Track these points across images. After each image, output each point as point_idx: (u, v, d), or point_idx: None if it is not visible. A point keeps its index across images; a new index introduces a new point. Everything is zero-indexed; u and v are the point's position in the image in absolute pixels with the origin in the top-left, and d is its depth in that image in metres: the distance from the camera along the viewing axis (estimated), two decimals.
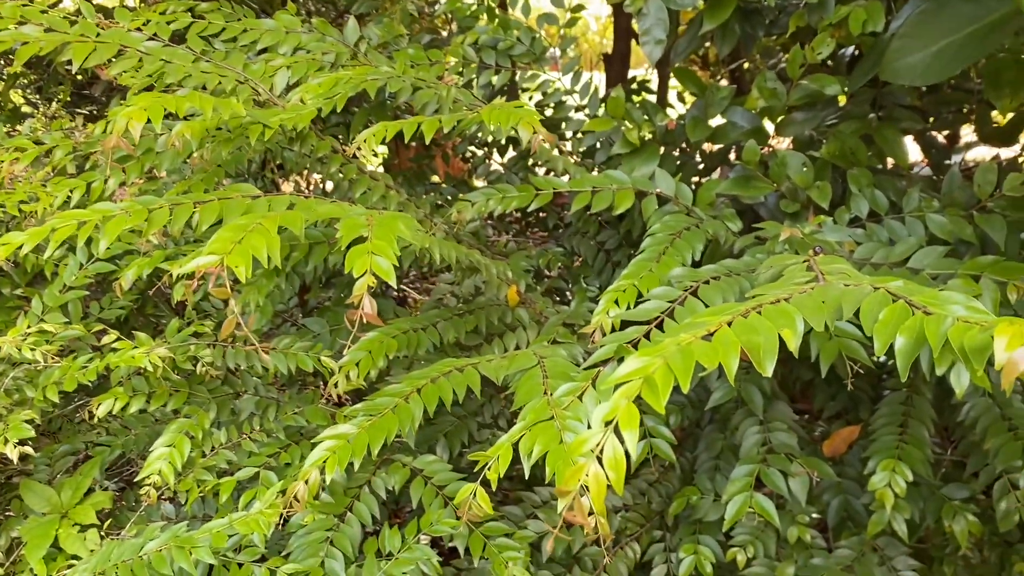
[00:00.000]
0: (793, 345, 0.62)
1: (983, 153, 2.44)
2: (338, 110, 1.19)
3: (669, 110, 1.92)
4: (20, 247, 0.96)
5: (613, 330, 1.00)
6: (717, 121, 1.56)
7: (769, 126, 1.55)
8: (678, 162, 1.61)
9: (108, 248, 1.40)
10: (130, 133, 0.93)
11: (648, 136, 1.50)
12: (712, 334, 0.61)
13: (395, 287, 0.96)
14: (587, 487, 0.54)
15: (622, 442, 0.54)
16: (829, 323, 0.65)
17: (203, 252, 0.80)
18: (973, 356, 0.57)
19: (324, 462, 0.94)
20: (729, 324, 0.62)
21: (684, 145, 1.66)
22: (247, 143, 1.15)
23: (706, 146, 1.73)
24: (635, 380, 0.56)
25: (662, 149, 1.55)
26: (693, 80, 1.56)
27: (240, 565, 1.13)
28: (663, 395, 0.56)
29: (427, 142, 1.16)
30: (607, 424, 0.55)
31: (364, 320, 0.78)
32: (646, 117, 1.51)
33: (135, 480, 1.27)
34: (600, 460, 0.53)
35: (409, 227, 0.87)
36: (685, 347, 0.58)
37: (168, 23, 1.39)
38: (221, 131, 1.20)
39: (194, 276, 0.80)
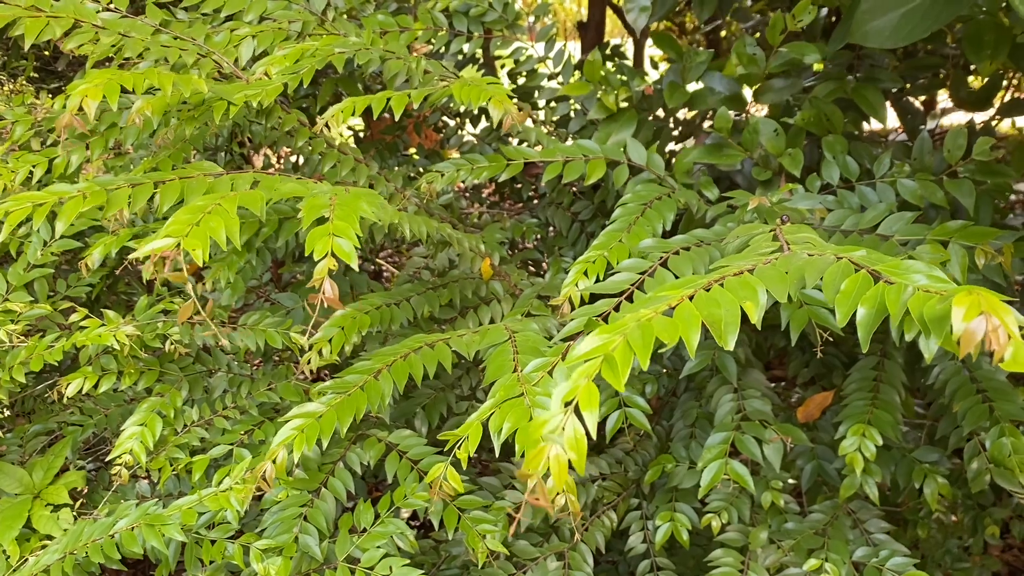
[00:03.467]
0: (755, 317, 0.61)
1: (960, 118, 2.44)
2: (305, 84, 1.16)
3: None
4: None
5: (583, 302, 1.00)
6: (695, 86, 1.54)
7: (747, 92, 1.54)
8: (655, 128, 1.59)
9: (72, 225, 1.38)
10: (84, 111, 0.90)
11: (624, 102, 1.48)
12: (673, 308, 0.60)
13: (370, 262, 0.94)
14: (549, 469, 0.53)
15: (582, 422, 0.54)
16: (793, 293, 0.64)
17: (159, 235, 0.78)
18: (932, 326, 0.57)
19: (292, 441, 0.93)
20: (691, 298, 0.61)
21: (660, 111, 1.64)
22: (212, 119, 1.12)
23: (681, 112, 1.71)
24: (595, 359, 0.56)
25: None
26: (671, 45, 1.53)
27: (213, 542, 1.12)
28: (622, 373, 0.55)
29: (397, 117, 1.14)
30: (567, 404, 0.54)
31: (326, 304, 0.77)
32: (622, 79, 1.49)
33: (109, 457, 1.26)
34: (561, 441, 0.53)
35: (373, 204, 0.86)
36: (645, 323, 0.58)
37: None
38: (184, 107, 1.17)
39: (149, 259, 0.78)
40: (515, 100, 1.13)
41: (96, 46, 1.15)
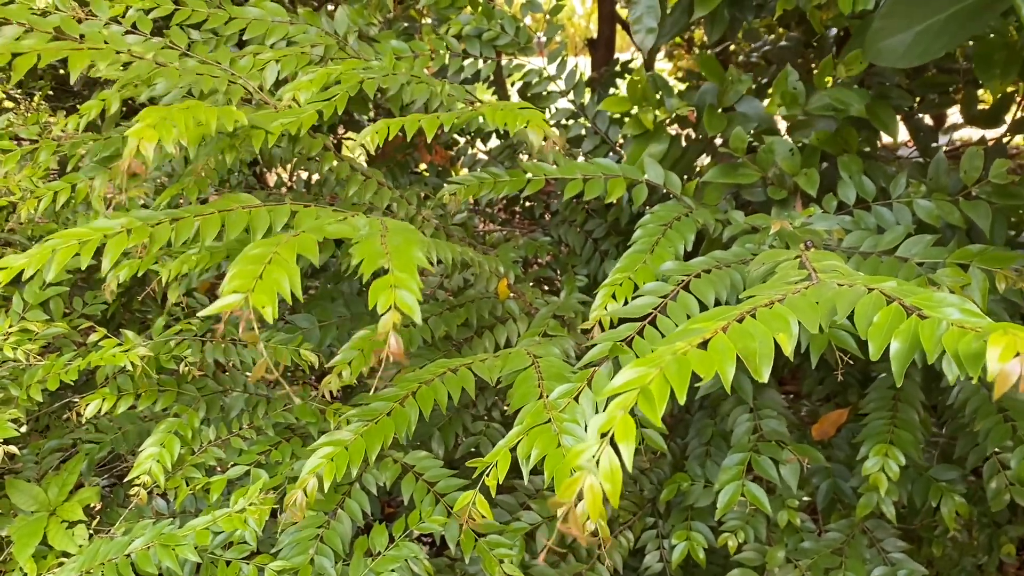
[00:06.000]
0: (788, 349, 0.61)
1: (968, 133, 2.45)
2: (339, 112, 1.16)
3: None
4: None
5: (612, 325, 0.99)
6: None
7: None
8: (684, 145, 1.58)
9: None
10: (143, 155, 0.90)
11: (661, 119, 1.47)
12: (707, 341, 0.61)
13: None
14: (582, 498, 0.53)
15: (618, 454, 0.54)
16: (824, 324, 0.65)
17: (224, 290, 0.77)
18: (967, 362, 0.57)
19: (322, 469, 0.93)
20: (724, 330, 0.61)
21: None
22: (245, 146, 1.12)
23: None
24: (631, 391, 0.56)
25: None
26: (714, 69, 1.52)
27: (228, 562, 1.12)
28: (659, 406, 0.55)
29: (428, 140, 1.14)
30: (603, 436, 0.54)
31: (391, 359, 0.76)
32: (658, 95, 1.48)
33: (125, 478, 1.26)
34: (596, 471, 0.53)
35: (421, 247, 0.85)
36: (680, 356, 0.58)
37: (147, 12, 1.35)
38: (223, 137, 1.17)
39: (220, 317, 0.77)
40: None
41: (125, 72, 1.16)
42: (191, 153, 1.10)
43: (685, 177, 1.46)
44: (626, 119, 1.49)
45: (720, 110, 1.49)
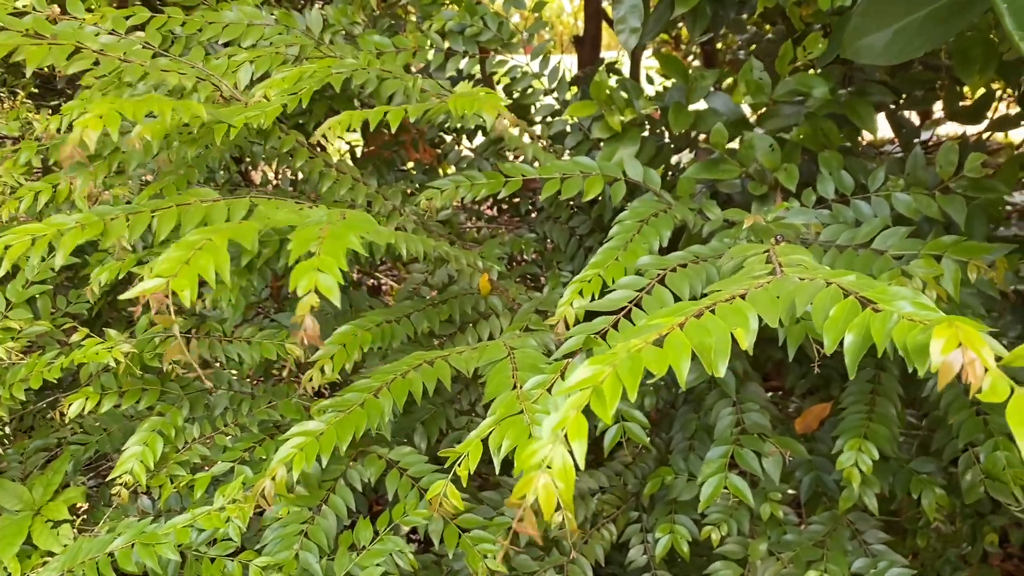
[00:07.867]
0: (745, 344, 0.62)
1: (955, 128, 2.46)
2: (304, 105, 1.17)
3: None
4: None
5: (578, 321, 1.00)
6: (698, 105, 1.54)
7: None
8: (657, 145, 1.59)
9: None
10: (85, 143, 0.91)
11: (629, 120, 1.48)
12: (664, 337, 0.61)
13: (369, 276, 0.94)
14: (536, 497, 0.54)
15: (571, 452, 0.55)
16: (784, 319, 0.65)
17: (149, 275, 0.78)
18: (915, 355, 0.57)
19: (291, 459, 0.94)
20: (681, 326, 0.62)
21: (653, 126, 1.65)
22: (213, 141, 1.13)
23: None
24: (584, 389, 0.56)
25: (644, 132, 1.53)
26: (677, 68, 1.54)
27: (212, 559, 1.13)
28: (610, 405, 0.56)
29: (393, 130, 1.15)
30: (557, 434, 0.55)
31: (307, 341, 0.77)
32: (625, 97, 1.49)
33: (109, 477, 1.27)
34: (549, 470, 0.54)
35: (368, 230, 0.86)
36: (634, 354, 0.59)
37: (126, 18, 1.36)
38: (186, 130, 1.18)
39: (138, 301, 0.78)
40: (506, 104, 1.14)
41: (97, 69, 1.16)
42: (155, 148, 1.10)
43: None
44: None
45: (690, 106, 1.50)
